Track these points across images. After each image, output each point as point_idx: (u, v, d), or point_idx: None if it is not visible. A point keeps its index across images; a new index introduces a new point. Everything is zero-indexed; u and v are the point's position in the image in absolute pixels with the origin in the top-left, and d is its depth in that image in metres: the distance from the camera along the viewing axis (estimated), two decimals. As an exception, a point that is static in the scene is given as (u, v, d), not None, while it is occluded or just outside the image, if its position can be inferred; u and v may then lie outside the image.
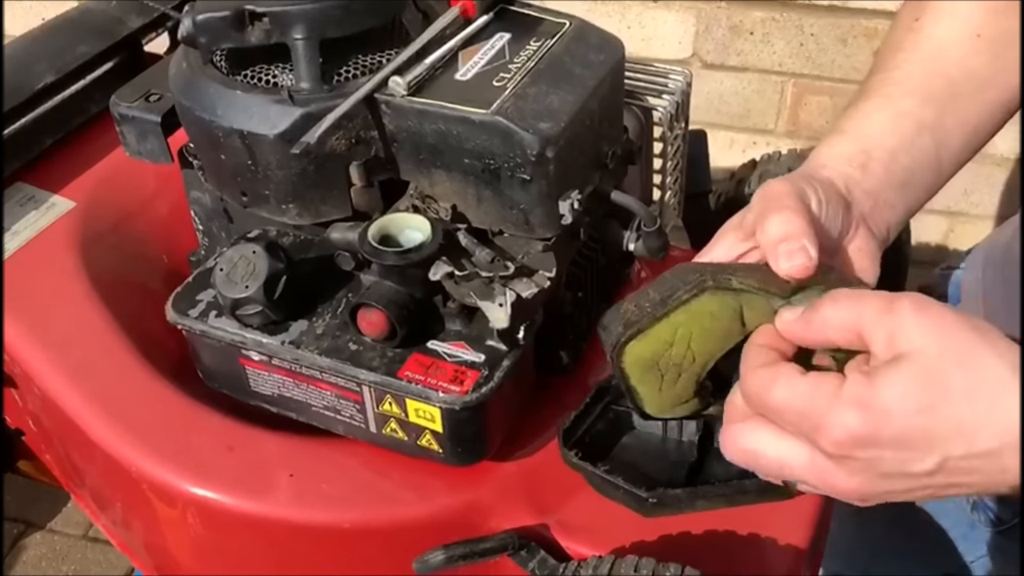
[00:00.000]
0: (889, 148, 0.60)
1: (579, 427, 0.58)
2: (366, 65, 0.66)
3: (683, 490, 0.52)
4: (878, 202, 0.60)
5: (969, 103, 0.62)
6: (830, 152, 0.61)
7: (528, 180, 0.61)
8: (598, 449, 0.56)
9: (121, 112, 0.73)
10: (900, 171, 0.60)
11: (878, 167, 0.60)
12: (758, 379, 0.47)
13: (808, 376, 0.45)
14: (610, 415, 0.58)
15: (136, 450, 0.69)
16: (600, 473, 0.53)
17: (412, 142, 0.63)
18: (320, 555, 0.69)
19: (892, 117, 0.61)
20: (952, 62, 0.62)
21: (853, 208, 0.58)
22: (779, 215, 0.52)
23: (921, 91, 0.62)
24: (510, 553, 0.64)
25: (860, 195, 0.59)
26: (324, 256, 0.69)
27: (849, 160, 0.60)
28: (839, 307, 0.46)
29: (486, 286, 0.61)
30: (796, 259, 0.51)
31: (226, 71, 0.67)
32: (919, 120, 0.61)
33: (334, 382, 0.65)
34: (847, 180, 0.59)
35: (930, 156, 0.62)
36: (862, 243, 0.59)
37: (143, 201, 0.89)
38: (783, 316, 0.49)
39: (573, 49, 0.66)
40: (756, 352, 0.49)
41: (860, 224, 0.59)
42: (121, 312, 0.78)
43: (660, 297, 0.50)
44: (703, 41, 1.53)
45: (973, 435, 0.42)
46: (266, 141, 0.63)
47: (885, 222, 0.60)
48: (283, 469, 0.68)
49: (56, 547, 1.70)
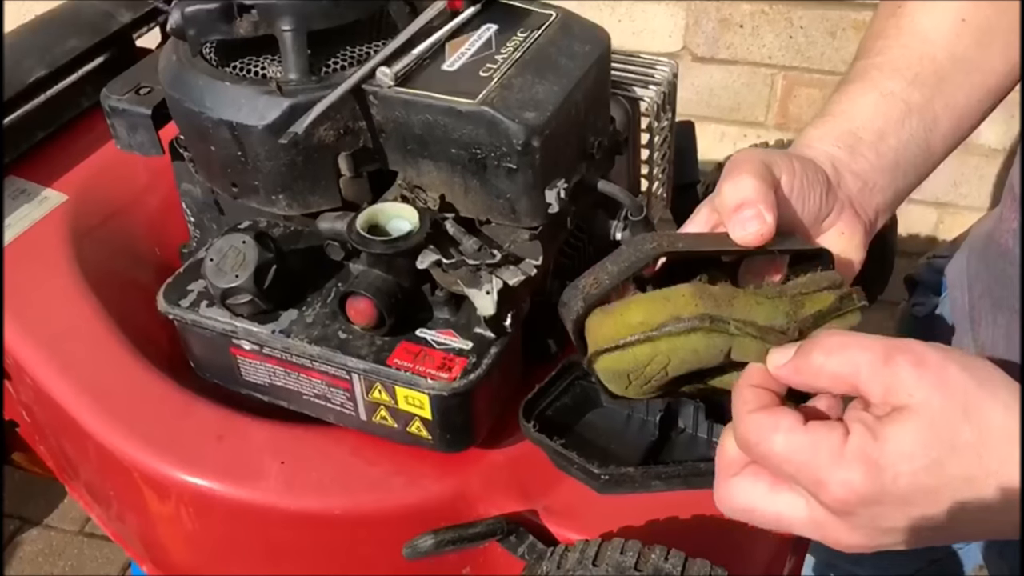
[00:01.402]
0: (877, 129, 0.60)
1: (542, 400, 0.56)
2: (354, 56, 0.66)
3: (636, 469, 0.51)
4: (867, 184, 0.59)
5: (956, 86, 0.62)
6: (816, 133, 0.60)
7: (514, 169, 0.62)
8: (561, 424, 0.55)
9: (111, 105, 0.74)
10: (889, 153, 0.60)
11: (867, 149, 0.59)
12: (755, 426, 0.45)
13: (809, 428, 0.44)
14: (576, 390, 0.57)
15: (127, 440, 0.70)
16: (556, 447, 0.53)
17: (399, 132, 0.64)
18: (311, 542, 0.70)
19: (879, 99, 0.61)
20: (937, 46, 0.62)
21: (839, 190, 0.58)
22: (735, 180, 0.51)
23: (907, 74, 0.61)
24: (499, 538, 0.65)
25: (848, 177, 0.58)
26: (314, 246, 0.69)
27: (836, 141, 0.59)
28: (832, 356, 0.44)
29: (473, 274, 0.62)
30: (750, 227, 0.50)
31: (215, 63, 0.67)
32: (906, 102, 0.61)
33: (324, 370, 0.65)
34: (834, 161, 0.58)
35: (919, 138, 0.61)
36: (846, 227, 0.58)
37: (135, 194, 0.90)
38: (773, 359, 0.47)
39: (559, 40, 0.67)
40: (750, 395, 0.47)
41: (846, 207, 0.58)
42: (113, 304, 0.79)
43: (617, 269, 0.49)
44: (693, 34, 1.54)
45: (983, 490, 0.41)
46: (255, 132, 0.63)
47: (873, 206, 0.60)
48: (273, 457, 0.69)
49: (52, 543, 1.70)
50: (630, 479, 0.51)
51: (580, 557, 0.59)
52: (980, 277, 0.78)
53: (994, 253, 0.74)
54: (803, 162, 0.56)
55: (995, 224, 0.75)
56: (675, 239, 0.51)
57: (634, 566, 0.57)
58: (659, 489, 0.52)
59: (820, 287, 0.51)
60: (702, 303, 0.48)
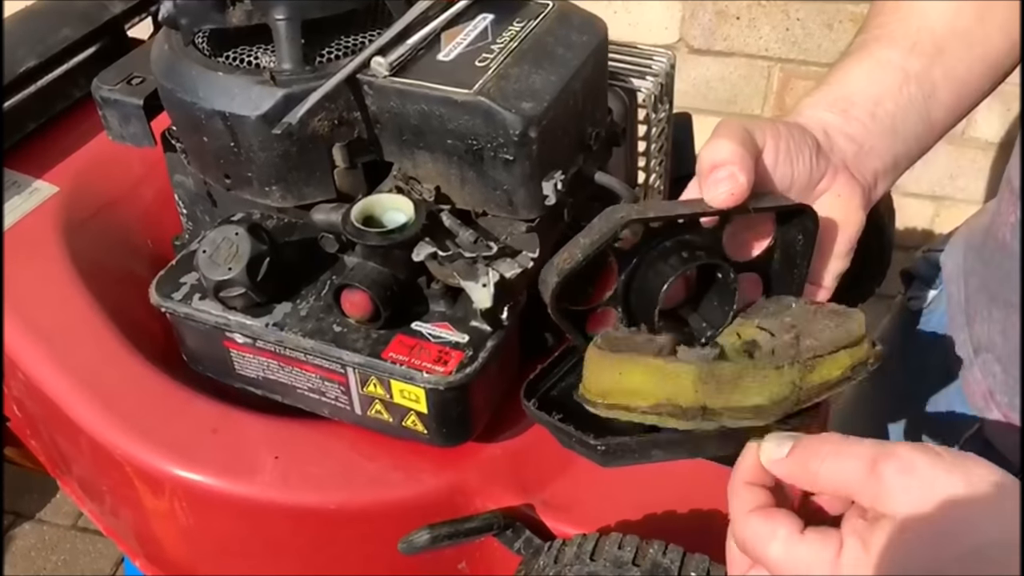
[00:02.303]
0: (872, 95, 0.60)
1: (545, 381, 0.56)
2: (348, 46, 0.65)
3: (633, 438, 0.50)
4: (863, 148, 0.59)
5: (956, 58, 0.62)
6: (808, 101, 0.60)
7: (511, 160, 0.61)
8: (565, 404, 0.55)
9: (103, 95, 0.73)
10: (886, 117, 0.60)
11: (861, 112, 0.59)
12: (751, 532, 0.46)
13: (806, 539, 0.44)
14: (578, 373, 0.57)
15: (121, 434, 0.69)
16: (554, 422, 0.52)
17: (395, 123, 0.63)
18: (306, 537, 0.69)
19: (874, 66, 0.61)
20: (936, 21, 0.62)
21: (831, 154, 0.57)
22: (711, 144, 0.51)
23: (904, 44, 0.62)
24: (495, 533, 0.64)
25: (842, 140, 0.58)
26: (308, 238, 0.69)
27: (828, 107, 0.59)
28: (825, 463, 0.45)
29: (470, 266, 0.61)
30: (721, 187, 0.50)
31: (208, 53, 0.66)
32: (903, 69, 0.61)
33: (318, 364, 0.65)
34: (825, 125, 0.58)
35: (918, 104, 0.61)
36: (843, 189, 0.58)
37: (127, 186, 0.89)
38: (767, 452, 0.47)
39: (556, 30, 0.66)
40: (747, 495, 0.47)
41: (840, 170, 0.58)
42: (105, 297, 0.78)
43: (588, 241, 0.50)
44: (689, 26, 1.54)
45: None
46: (248, 123, 0.63)
47: (871, 169, 0.60)
48: (268, 451, 0.68)
49: (45, 537, 1.70)
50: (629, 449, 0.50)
51: (577, 552, 0.58)
52: (976, 271, 0.78)
53: (991, 248, 0.74)
54: (789, 127, 0.56)
55: (992, 218, 0.74)
56: (645, 207, 0.51)
57: (632, 561, 0.57)
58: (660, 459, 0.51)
59: (838, 346, 0.50)
60: (702, 391, 0.48)
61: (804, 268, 0.57)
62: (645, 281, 0.54)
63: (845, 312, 0.52)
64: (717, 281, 0.56)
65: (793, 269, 0.58)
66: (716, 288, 0.56)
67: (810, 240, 0.56)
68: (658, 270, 0.53)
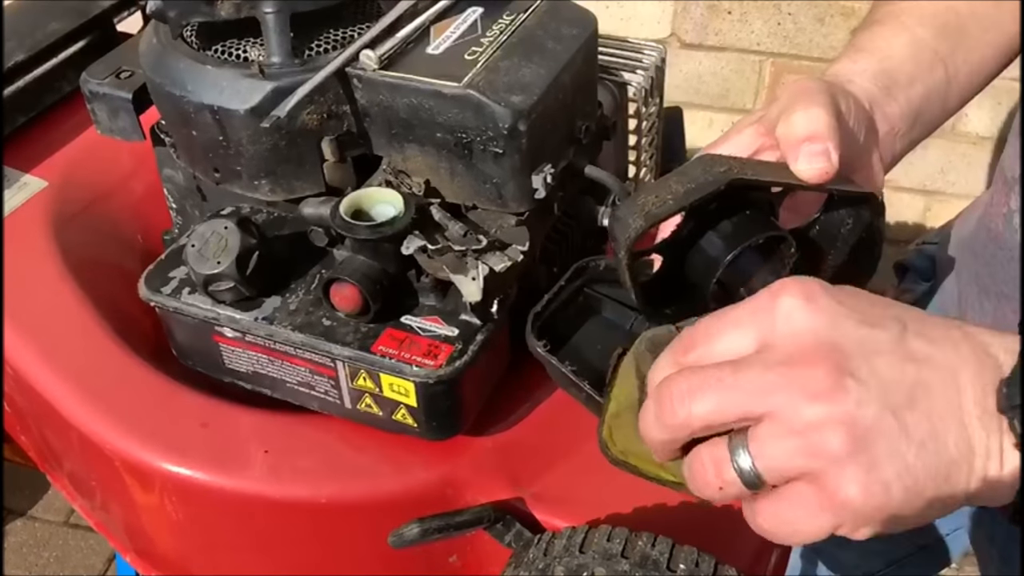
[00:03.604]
0: (909, 74, 0.59)
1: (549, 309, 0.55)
2: (337, 39, 0.65)
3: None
4: (892, 129, 0.58)
5: (975, 41, 0.62)
6: (854, 68, 0.58)
7: (501, 154, 0.61)
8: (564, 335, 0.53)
9: (92, 89, 0.73)
10: (916, 100, 0.59)
11: (899, 92, 0.58)
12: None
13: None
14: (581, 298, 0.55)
15: (110, 428, 0.69)
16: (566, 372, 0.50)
17: (384, 116, 0.63)
18: (296, 530, 0.69)
19: (911, 43, 0.60)
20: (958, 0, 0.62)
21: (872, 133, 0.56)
22: (808, 111, 0.49)
23: (935, 23, 0.61)
24: (486, 526, 0.64)
25: (880, 120, 0.57)
26: (297, 232, 0.69)
27: (874, 79, 0.57)
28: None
29: (459, 260, 0.61)
30: (817, 162, 0.48)
31: (196, 46, 0.66)
32: (935, 51, 0.60)
33: (308, 358, 0.65)
34: (872, 100, 0.56)
35: (941, 89, 0.60)
36: (870, 173, 0.57)
37: (116, 180, 0.88)
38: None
39: (546, 23, 0.66)
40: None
41: (874, 150, 0.57)
42: (95, 291, 0.78)
43: (683, 189, 0.46)
44: (681, 20, 1.54)
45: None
46: (237, 116, 0.62)
47: (891, 152, 0.59)
48: (258, 445, 0.68)
49: (37, 534, 1.69)
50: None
51: (567, 544, 0.58)
52: (968, 263, 0.78)
53: (983, 238, 0.74)
54: (855, 100, 0.54)
55: (985, 209, 0.74)
56: (744, 165, 0.48)
57: (621, 553, 0.57)
58: None
59: None
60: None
61: (843, 252, 0.55)
62: (709, 241, 0.51)
63: None
64: (774, 252, 0.53)
65: (831, 250, 0.55)
66: (772, 261, 0.53)
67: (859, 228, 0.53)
68: (726, 232, 0.50)
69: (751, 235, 0.50)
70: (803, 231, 0.55)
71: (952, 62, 0.61)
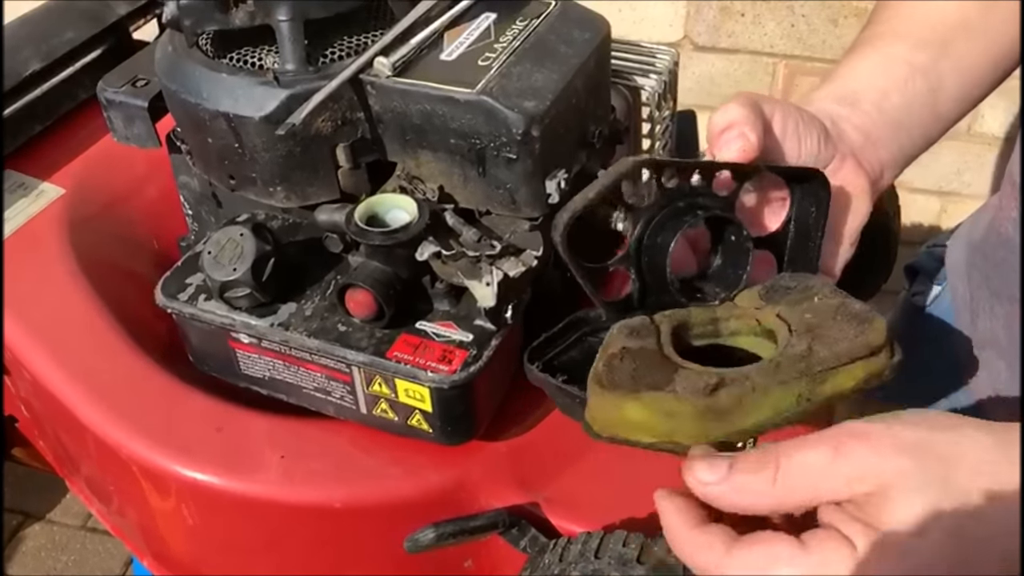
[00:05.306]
0: (879, 88, 0.60)
1: (549, 350, 0.56)
2: (351, 46, 0.66)
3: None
4: (869, 138, 0.59)
5: (963, 50, 0.63)
6: (816, 95, 0.61)
7: (514, 159, 0.61)
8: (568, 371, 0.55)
9: (108, 97, 0.73)
10: (892, 110, 0.60)
11: (868, 105, 0.60)
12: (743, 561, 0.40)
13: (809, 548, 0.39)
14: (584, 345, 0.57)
15: (126, 433, 0.69)
16: (557, 383, 0.52)
17: (398, 123, 0.63)
18: (311, 534, 0.69)
19: (881, 60, 0.62)
20: (943, 12, 0.63)
21: (839, 142, 0.58)
22: (721, 109, 0.53)
23: (911, 38, 0.62)
24: (501, 531, 0.65)
25: (849, 129, 0.59)
26: (312, 238, 0.69)
27: (838, 100, 0.60)
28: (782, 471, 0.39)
29: (473, 265, 0.61)
30: (733, 145, 0.51)
31: (211, 54, 0.67)
32: (910, 63, 0.61)
33: (324, 363, 0.65)
34: (832, 116, 0.58)
35: (924, 97, 0.62)
36: (849, 177, 0.58)
37: (132, 187, 0.89)
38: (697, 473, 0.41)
39: (558, 28, 0.66)
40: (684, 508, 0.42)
41: (848, 158, 0.58)
42: (111, 297, 0.78)
43: (601, 183, 0.51)
44: (694, 23, 1.53)
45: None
46: (252, 123, 0.63)
47: (878, 160, 0.60)
48: (273, 450, 0.69)
49: (55, 538, 1.70)
50: None
51: (582, 549, 0.58)
52: (978, 266, 0.77)
53: (993, 242, 0.73)
54: (798, 108, 0.57)
55: (995, 213, 0.74)
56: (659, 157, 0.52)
57: (636, 559, 0.57)
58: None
59: (854, 357, 0.47)
60: (702, 426, 0.46)
61: (818, 240, 0.57)
62: (655, 240, 0.54)
63: (866, 318, 0.49)
64: (729, 243, 0.55)
65: (808, 243, 0.57)
66: (728, 249, 0.56)
67: (823, 209, 0.55)
68: (669, 227, 0.53)
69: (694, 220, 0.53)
70: (782, 235, 0.57)
71: (934, 71, 0.62)
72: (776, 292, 0.54)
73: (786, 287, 0.54)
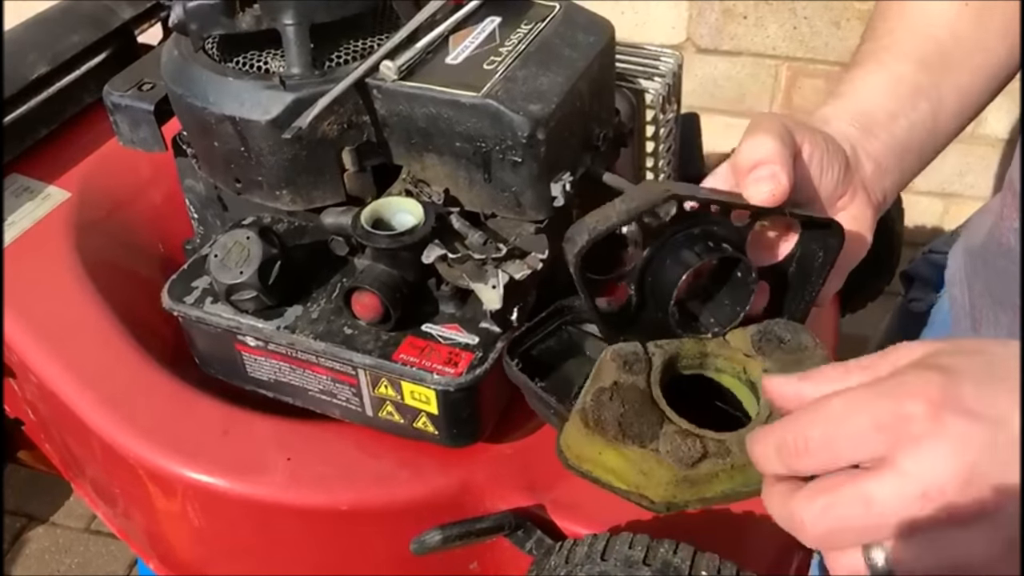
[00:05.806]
0: (889, 111, 0.59)
1: (528, 340, 0.56)
2: (357, 50, 0.66)
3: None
4: (879, 167, 0.59)
5: (960, 68, 0.62)
6: (831, 112, 0.59)
7: (519, 162, 0.61)
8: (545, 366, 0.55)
9: (114, 101, 0.74)
10: (901, 134, 0.60)
11: (880, 129, 0.59)
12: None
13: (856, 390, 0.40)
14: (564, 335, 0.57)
15: (132, 436, 0.70)
16: (535, 388, 0.52)
17: (403, 126, 0.63)
18: (317, 537, 0.69)
19: (889, 80, 0.61)
20: (940, 27, 0.62)
21: (855, 172, 0.57)
22: (755, 138, 0.50)
23: (914, 56, 0.61)
24: (506, 533, 0.65)
25: (863, 158, 0.58)
26: (318, 241, 0.69)
27: (852, 120, 0.58)
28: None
29: (479, 268, 0.62)
30: (763, 186, 0.49)
31: (217, 58, 0.67)
32: (915, 85, 0.61)
33: (330, 366, 0.65)
34: (851, 140, 0.57)
35: (927, 122, 0.61)
36: (858, 211, 0.58)
37: (138, 190, 0.89)
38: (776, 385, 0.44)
39: (563, 31, 0.66)
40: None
41: (859, 191, 0.57)
42: (117, 301, 0.79)
43: (625, 207, 0.49)
44: (696, 25, 1.53)
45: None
46: (258, 127, 0.63)
47: (882, 189, 0.60)
48: (279, 452, 0.69)
49: (59, 540, 1.71)
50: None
51: (588, 551, 0.58)
52: (979, 275, 0.77)
53: (994, 251, 0.73)
54: (825, 136, 0.55)
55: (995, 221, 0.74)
56: (687, 188, 0.50)
57: (643, 560, 0.57)
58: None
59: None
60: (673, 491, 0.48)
61: (818, 285, 0.57)
62: (664, 264, 0.54)
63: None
64: (735, 279, 0.55)
65: (807, 284, 0.57)
66: (732, 285, 0.56)
67: (830, 256, 0.55)
68: (680, 256, 0.53)
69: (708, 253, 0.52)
70: (783, 267, 0.57)
71: (936, 93, 0.61)
72: (769, 343, 0.54)
73: (779, 339, 0.54)
